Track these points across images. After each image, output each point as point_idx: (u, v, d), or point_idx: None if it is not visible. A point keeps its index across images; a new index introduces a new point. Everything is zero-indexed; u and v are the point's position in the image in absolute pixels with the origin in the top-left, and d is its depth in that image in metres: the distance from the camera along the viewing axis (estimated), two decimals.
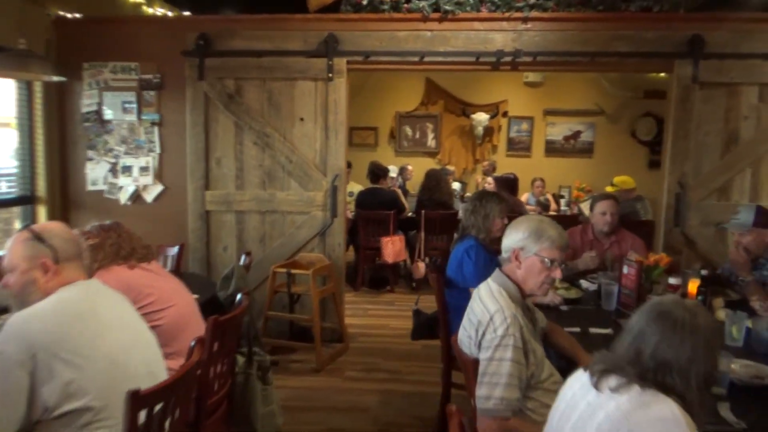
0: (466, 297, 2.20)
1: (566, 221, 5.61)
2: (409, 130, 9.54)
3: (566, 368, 1.94)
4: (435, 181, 5.98)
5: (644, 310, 1.41)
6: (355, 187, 7.18)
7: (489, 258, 2.98)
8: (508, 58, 4.16)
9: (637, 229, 4.84)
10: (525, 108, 9.31)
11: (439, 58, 4.20)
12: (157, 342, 1.88)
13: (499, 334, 1.83)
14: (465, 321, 2.07)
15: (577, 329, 2.43)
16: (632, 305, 2.61)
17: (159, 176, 4.49)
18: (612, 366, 1.38)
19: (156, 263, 2.47)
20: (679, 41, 4.04)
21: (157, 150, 4.45)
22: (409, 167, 8.64)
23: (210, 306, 2.85)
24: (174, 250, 3.71)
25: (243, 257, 3.43)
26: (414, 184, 8.93)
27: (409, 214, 6.41)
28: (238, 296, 2.61)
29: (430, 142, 9.53)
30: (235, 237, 4.41)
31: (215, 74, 4.26)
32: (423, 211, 5.85)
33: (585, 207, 5.67)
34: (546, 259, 1.93)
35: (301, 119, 4.28)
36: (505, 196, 5.92)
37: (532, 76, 9.13)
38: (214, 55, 4.25)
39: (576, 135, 9.28)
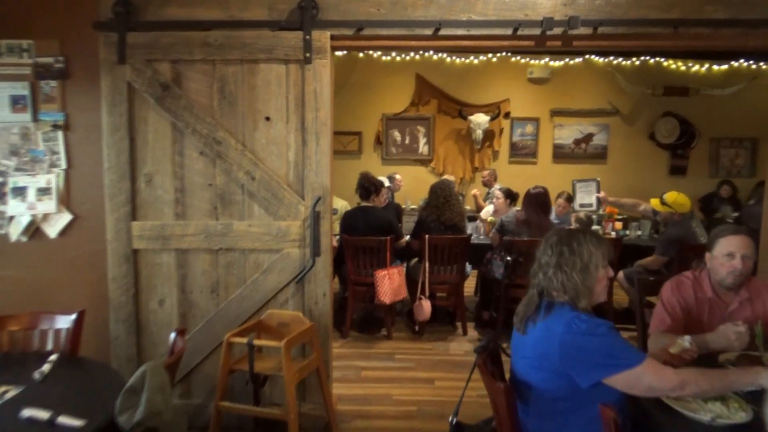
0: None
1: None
2: (397, 135, 8.33)
3: None
4: (444, 198, 4.75)
5: None
6: (339, 203, 5.93)
7: (608, 326, 1.78)
8: (558, 30, 2.96)
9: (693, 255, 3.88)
10: (529, 108, 8.19)
11: (461, 31, 2.98)
12: None
13: None
14: None
15: None
16: None
17: (65, 201, 3.17)
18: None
19: None
20: None
21: (63, 164, 3.14)
22: (398, 176, 7.42)
23: None
24: (65, 323, 2.40)
25: (172, 336, 2.14)
26: (404, 196, 7.72)
27: (405, 239, 5.17)
28: None
29: (422, 147, 8.34)
30: (175, 286, 3.11)
31: (143, 55, 2.97)
32: (427, 236, 4.62)
33: (657, 204, 4.53)
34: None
35: (267, 119, 3.02)
36: (535, 220, 4.76)
37: (537, 72, 8.02)
38: (140, 28, 2.97)
39: (587, 138, 8.18)
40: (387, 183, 6.16)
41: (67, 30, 3.07)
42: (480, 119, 7.91)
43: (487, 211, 6.03)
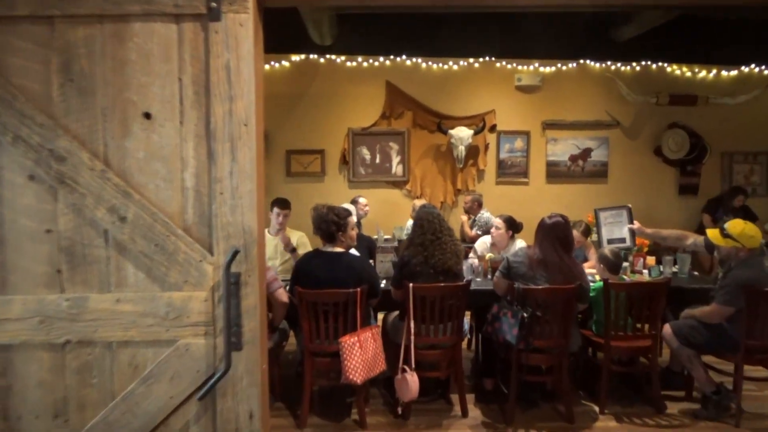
0: None
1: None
2: (366, 153, 7.13)
3: None
4: (432, 234, 3.51)
5: None
6: (295, 236, 4.70)
7: None
8: None
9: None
10: (519, 120, 7.10)
11: None
12: None
13: None
14: None
15: None
16: None
17: None
18: None
19: None
20: None
21: None
22: (361, 200, 6.24)
23: None
24: None
25: None
26: (375, 223, 6.49)
27: (381, 283, 3.97)
28: None
29: (396, 167, 7.15)
30: None
31: None
32: (411, 285, 3.38)
33: (716, 237, 3.39)
34: None
35: (147, 116, 1.76)
36: (555, 260, 3.57)
37: (526, 78, 6.97)
38: None
39: (585, 154, 7.13)
40: (355, 219, 4.91)
41: None
42: (462, 133, 6.79)
43: (482, 245, 4.84)
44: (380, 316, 4.15)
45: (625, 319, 3.59)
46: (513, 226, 4.70)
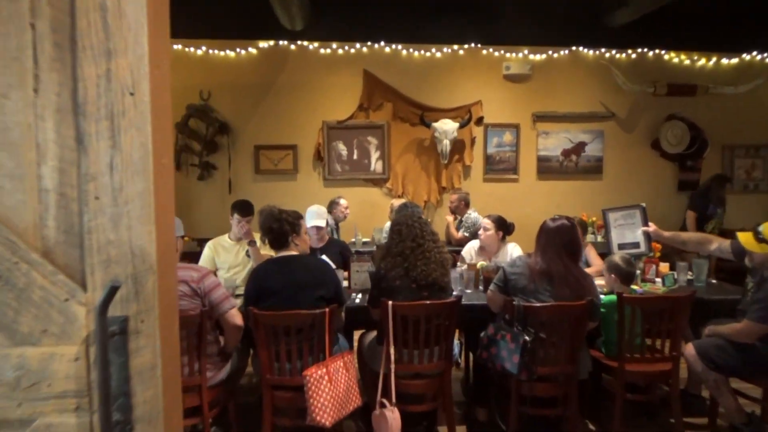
0: None
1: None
2: (343, 148, 6.56)
3: None
4: (413, 241, 2.94)
5: None
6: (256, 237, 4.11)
7: None
8: None
9: None
10: (507, 112, 6.59)
11: None
12: None
13: None
14: None
15: None
16: None
17: None
18: None
19: None
20: None
21: None
22: (342, 201, 5.74)
23: None
24: None
25: None
26: (353, 225, 5.94)
27: (356, 299, 3.43)
28: None
29: (375, 164, 6.59)
30: None
31: None
32: (390, 303, 2.82)
33: (749, 241, 2.85)
34: None
35: None
36: (560, 270, 2.99)
37: (514, 66, 6.45)
38: None
39: (578, 148, 6.64)
40: (325, 218, 4.34)
41: None
42: (446, 126, 6.26)
43: (469, 251, 4.29)
44: (356, 335, 3.58)
45: (642, 338, 3.07)
46: (503, 227, 4.17)
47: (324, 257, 4.12)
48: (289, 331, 2.75)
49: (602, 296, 3.18)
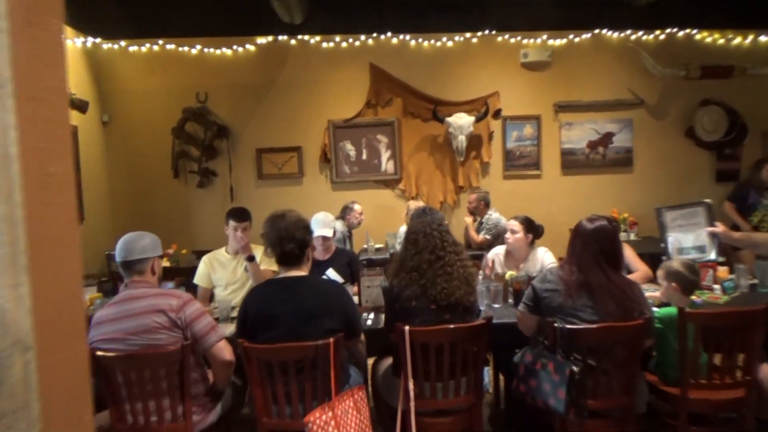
0: None
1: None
2: (351, 148, 6.12)
3: None
4: (432, 253, 2.48)
5: None
6: (259, 251, 3.68)
7: None
8: None
9: None
10: (526, 103, 6.11)
11: None
12: None
13: None
14: None
15: None
16: None
17: None
18: None
19: None
20: None
21: None
22: (357, 207, 5.34)
23: None
24: None
25: None
26: (364, 231, 5.51)
27: (368, 320, 2.99)
28: None
29: (386, 164, 6.14)
30: None
31: None
32: (407, 328, 2.36)
33: None
34: None
35: None
36: (602, 281, 2.45)
37: (533, 53, 5.97)
38: None
39: (605, 139, 6.13)
40: (332, 227, 3.90)
41: None
42: (461, 121, 5.80)
43: (495, 257, 3.82)
44: (370, 361, 3.13)
45: (709, 357, 2.59)
46: (533, 229, 3.70)
47: (330, 271, 3.69)
48: (288, 367, 2.31)
49: (654, 308, 2.70)
